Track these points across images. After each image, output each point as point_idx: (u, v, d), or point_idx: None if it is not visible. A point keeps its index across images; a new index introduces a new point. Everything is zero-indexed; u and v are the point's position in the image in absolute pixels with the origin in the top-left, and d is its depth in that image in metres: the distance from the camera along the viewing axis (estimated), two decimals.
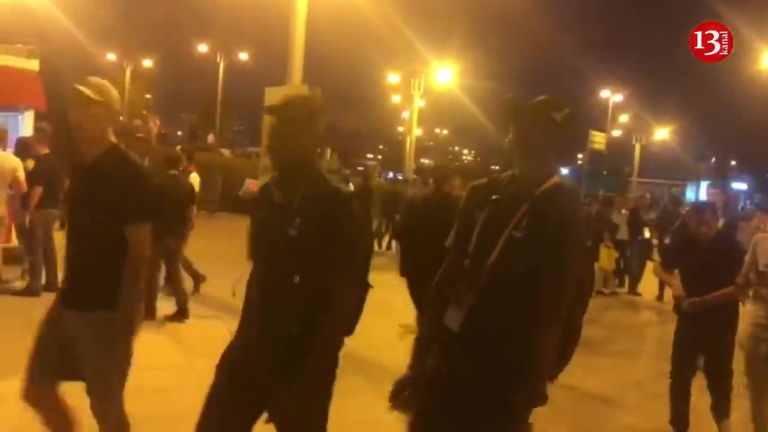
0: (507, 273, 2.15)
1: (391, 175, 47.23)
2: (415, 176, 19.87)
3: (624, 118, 43.92)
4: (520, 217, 2.17)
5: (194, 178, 8.56)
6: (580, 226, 2.28)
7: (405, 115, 34.84)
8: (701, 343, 4.86)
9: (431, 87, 26.72)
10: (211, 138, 42.28)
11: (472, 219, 2.30)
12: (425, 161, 34.51)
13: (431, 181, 6.55)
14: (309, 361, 2.36)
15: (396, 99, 38.92)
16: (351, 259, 2.43)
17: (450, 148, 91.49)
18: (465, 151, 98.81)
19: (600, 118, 41.55)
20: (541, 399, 2.22)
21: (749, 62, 21.37)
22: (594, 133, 38.49)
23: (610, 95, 40.41)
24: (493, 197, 2.28)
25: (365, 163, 38.51)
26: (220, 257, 7.25)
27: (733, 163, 60.55)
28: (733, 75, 26.89)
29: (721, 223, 5.21)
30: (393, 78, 32.36)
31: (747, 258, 4.61)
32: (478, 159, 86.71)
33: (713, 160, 55.01)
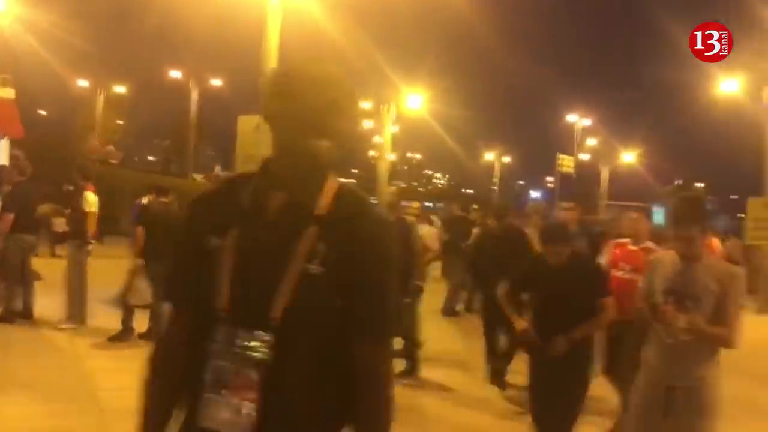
0: (304, 324, 1.53)
1: None
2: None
3: (592, 141, 44.91)
4: (310, 243, 1.53)
5: (90, 197, 8.06)
6: (394, 238, 1.67)
7: (377, 139, 35.25)
8: (558, 385, 4.10)
9: (403, 113, 27.14)
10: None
11: (203, 250, 1.58)
12: (398, 184, 34.92)
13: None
14: None
15: (368, 124, 39.35)
16: None
17: (423, 172, 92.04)
18: (438, 175, 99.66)
19: (569, 142, 42.53)
20: None
21: (709, 87, 22.09)
22: (562, 156, 39.51)
23: (578, 120, 41.41)
24: (237, 215, 1.58)
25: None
26: None
27: (700, 185, 61.96)
28: (695, 101, 27.75)
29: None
30: (365, 104, 32.76)
31: (641, 284, 3.75)
32: (452, 183, 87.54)
33: (679, 182, 56.27)
